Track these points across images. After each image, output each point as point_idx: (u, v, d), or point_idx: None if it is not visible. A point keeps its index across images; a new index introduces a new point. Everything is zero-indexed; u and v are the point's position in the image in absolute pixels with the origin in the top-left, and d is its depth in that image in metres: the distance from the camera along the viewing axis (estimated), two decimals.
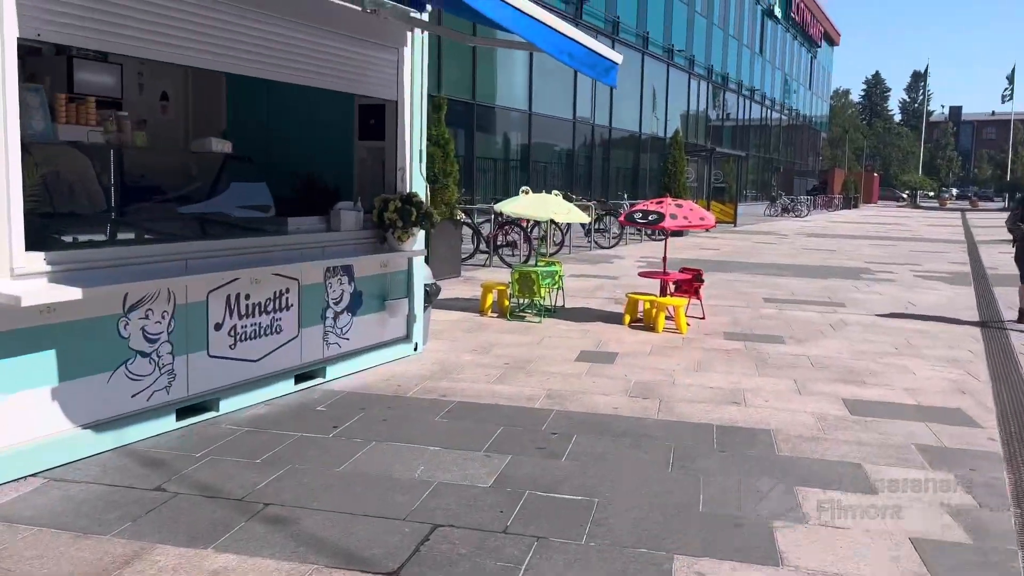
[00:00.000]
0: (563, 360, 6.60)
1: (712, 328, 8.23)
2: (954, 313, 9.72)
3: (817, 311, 9.58)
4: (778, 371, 6.44)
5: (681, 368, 6.44)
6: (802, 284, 12.17)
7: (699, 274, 8.73)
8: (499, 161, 19.42)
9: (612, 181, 25.42)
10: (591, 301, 9.83)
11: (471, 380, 5.86)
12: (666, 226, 7.81)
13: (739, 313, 9.27)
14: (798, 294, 11.06)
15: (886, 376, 6.37)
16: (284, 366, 5.27)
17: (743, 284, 11.98)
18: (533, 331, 7.79)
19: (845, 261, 16.15)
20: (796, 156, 52.52)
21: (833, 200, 49.62)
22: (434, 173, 11.07)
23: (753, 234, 23.97)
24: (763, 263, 15.27)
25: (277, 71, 5.16)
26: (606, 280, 11.95)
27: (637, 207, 8.22)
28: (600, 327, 8.09)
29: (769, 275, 13.28)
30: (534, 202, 8.36)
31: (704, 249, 18.07)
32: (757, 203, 39.30)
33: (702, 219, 7.94)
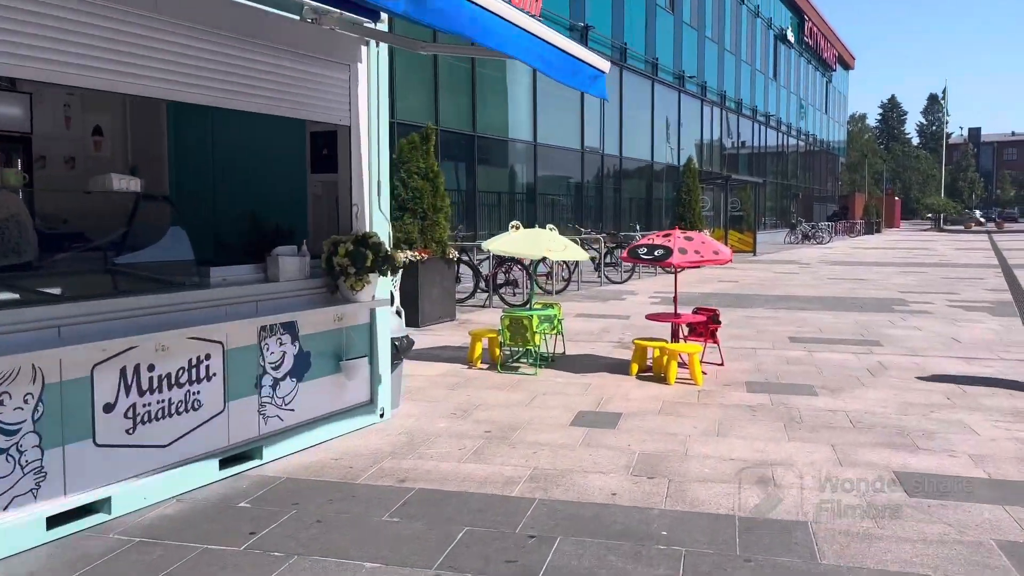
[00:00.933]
0: (556, 425, 5.59)
1: (732, 377, 7.19)
2: (1005, 349, 8.61)
3: (851, 352, 8.51)
4: (812, 433, 5.39)
5: (696, 432, 5.41)
6: (831, 319, 11.09)
7: (715, 314, 7.71)
8: (503, 195, 18.58)
9: (624, 212, 24.49)
10: (596, 346, 8.82)
11: (440, 457, 4.86)
12: (674, 263, 6.82)
13: (762, 357, 8.21)
14: (827, 331, 9.98)
15: (943, 437, 5.29)
16: (204, 449, 4.31)
17: (765, 321, 10.91)
18: (525, 386, 6.80)
19: (875, 291, 15.03)
20: (815, 182, 51.39)
21: (855, 225, 48.38)
22: (423, 209, 10.19)
23: (774, 263, 22.88)
24: (786, 296, 14.19)
25: (202, 93, 4.28)
26: (615, 321, 10.94)
27: (642, 241, 7.25)
28: (604, 379, 7.08)
29: (793, 309, 12.20)
30: (524, 238, 7.41)
31: (722, 282, 17.01)
32: (777, 231, 38.17)
33: (716, 253, 6.95)
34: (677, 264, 6.82)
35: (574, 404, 6.18)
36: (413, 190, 10.08)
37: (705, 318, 7.52)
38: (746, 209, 28.20)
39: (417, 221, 10.14)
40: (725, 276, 18.30)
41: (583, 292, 14.83)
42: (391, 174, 10.35)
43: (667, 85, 27.32)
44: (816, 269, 20.80)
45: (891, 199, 66.43)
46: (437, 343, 8.98)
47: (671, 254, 6.87)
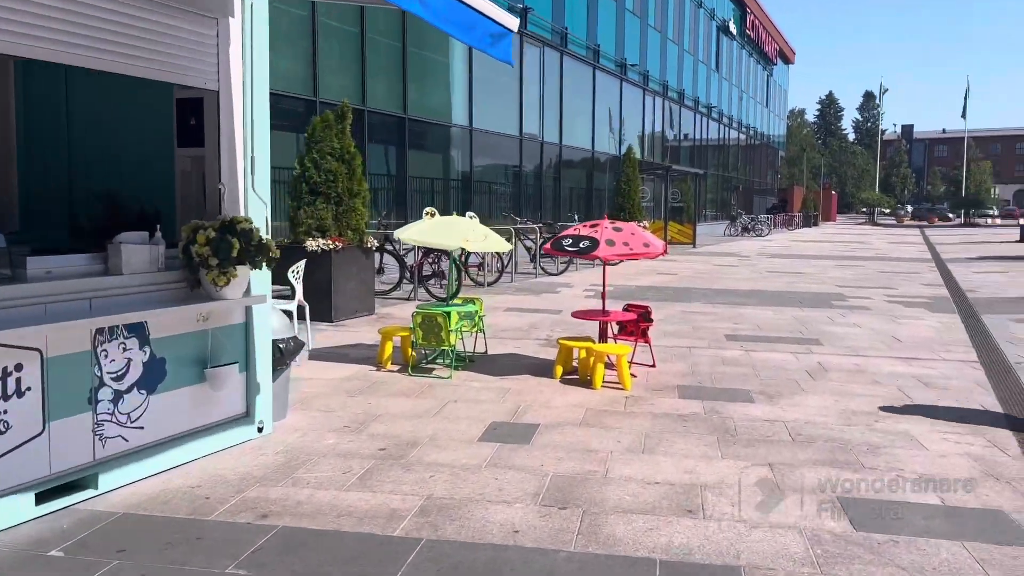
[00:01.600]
0: (463, 440, 4.91)
1: (664, 380, 6.61)
2: (946, 348, 8.25)
3: (790, 352, 8.03)
4: (748, 449, 4.82)
5: (619, 448, 4.79)
6: (769, 315, 10.66)
7: (646, 312, 7.13)
8: (437, 180, 17.79)
9: (563, 202, 23.94)
10: (523, 345, 8.17)
11: (319, 483, 4.14)
12: (601, 256, 6.19)
13: (698, 357, 7.67)
14: (765, 328, 9.52)
15: (889, 453, 4.78)
16: (15, 481, 3.50)
17: (703, 317, 10.42)
18: (437, 392, 6.10)
19: (813, 285, 14.75)
20: (755, 175, 51.78)
21: (793, 218, 48.90)
22: (338, 194, 9.37)
23: (713, 256, 22.62)
24: (725, 290, 13.78)
25: (31, 45, 3.46)
26: (546, 316, 10.30)
27: (567, 232, 6.60)
28: (525, 384, 6.42)
29: (732, 304, 11.76)
30: (439, 227, 6.70)
31: (661, 274, 16.57)
32: (717, 223, 38.19)
33: (647, 246, 6.34)
34: (604, 257, 6.19)
35: (487, 414, 5.50)
36: (326, 172, 9.26)
37: (635, 316, 6.93)
38: (686, 201, 27.95)
39: (331, 206, 9.32)
40: (663, 269, 17.88)
41: (516, 284, 14.18)
42: (305, 154, 9.56)
43: (609, 73, 26.82)
44: (755, 262, 20.57)
45: (828, 193, 67.60)
46: (348, 340, 8.20)
47: (597, 246, 6.24)
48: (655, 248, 6.37)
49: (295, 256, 8.95)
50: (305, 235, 9.20)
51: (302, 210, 9.24)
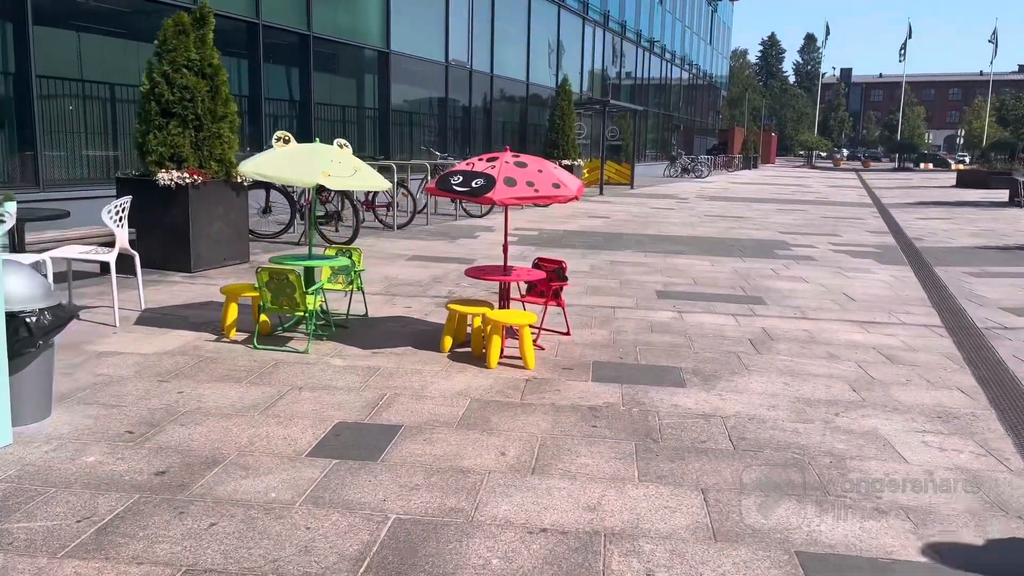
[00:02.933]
0: (284, 456, 3.54)
1: (577, 355, 5.34)
2: (904, 309, 7.19)
3: (729, 313, 6.85)
4: (675, 464, 3.58)
5: (502, 467, 3.49)
6: (707, 267, 9.48)
7: (560, 269, 5.80)
8: (348, 109, 16.00)
9: (496, 137, 22.32)
10: (415, 305, 6.78)
11: (32, 540, 2.72)
12: (495, 199, 4.79)
13: (622, 321, 6.42)
14: (702, 283, 8.33)
15: (860, 468, 3.60)
16: None
17: (633, 268, 9.17)
18: (280, 375, 4.69)
19: (755, 231, 13.67)
20: (696, 115, 50.68)
21: (733, 160, 48.18)
22: (197, 116, 7.70)
23: (651, 198, 21.45)
24: (660, 235, 12.57)
25: None
26: (456, 267, 8.91)
27: (458, 167, 5.16)
28: (401, 360, 5.07)
29: (667, 253, 10.55)
30: (293, 158, 5.18)
31: (592, 217, 15.28)
32: (656, 163, 37.07)
33: (556, 187, 4.95)
34: (499, 201, 4.79)
35: (336, 409, 4.13)
36: (182, 89, 7.55)
37: (545, 274, 5.59)
38: (625, 139, 26.61)
39: (189, 132, 7.65)
40: (597, 210, 16.60)
41: (432, 228, 12.71)
42: (155, 67, 7.83)
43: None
44: (694, 205, 19.46)
45: (768, 135, 67.17)
46: (199, 297, 6.68)
47: (493, 186, 4.83)
48: (567, 190, 4.99)
49: (145, 194, 7.33)
50: (155, 166, 7.54)
51: (152, 135, 7.56)
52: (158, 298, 6.60)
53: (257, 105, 13.07)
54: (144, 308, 6.18)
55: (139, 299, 6.20)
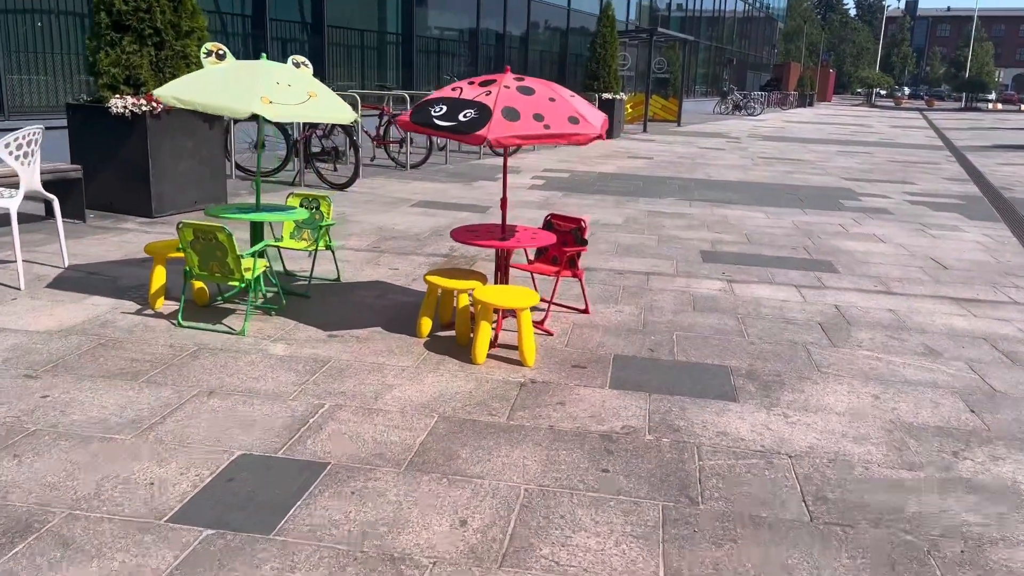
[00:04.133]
0: (137, 515, 2.39)
1: (595, 344, 4.09)
2: (1012, 282, 5.77)
3: (792, 284, 5.51)
4: (721, 550, 2.35)
5: (456, 551, 2.29)
6: (762, 220, 8.07)
7: (578, 229, 4.51)
8: (367, 34, 14.57)
9: (532, 67, 20.69)
10: (403, 266, 5.58)
11: None
12: (490, 138, 3.49)
13: (657, 294, 5.14)
14: (757, 240, 6.96)
15: (1007, 556, 2.34)
16: None
17: (675, 222, 7.81)
18: (193, 369, 3.54)
19: (816, 177, 12.09)
20: (751, 48, 47.77)
21: (788, 97, 45.53)
22: (156, 30, 6.45)
23: (699, 136, 19.74)
24: (708, 181, 11.10)
25: None
26: (466, 215, 7.66)
27: (440, 93, 3.87)
28: (362, 349, 3.88)
29: (715, 202, 9.14)
30: (224, 80, 3.92)
31: (633, 157, 13.79)
32: (706, 99, 34.91)
33: (574, 121, 3.63)
34: (494, 141, 3.50)
35: (244, 431, 2.97)
36: None
37: (554, 238, 4.30)
38: (673, 72, 24.68)
39: (148, 49, 6.43)
40: (638, 150, 15.08)
41: (450, 167, 11.40)
42: None
43: None
44: (746, 145, 17.76)
45: (826, 71, 63.64)
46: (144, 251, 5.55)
47: (487, 119, 3.53)
48: (587, 126, 3.65)
49: (99, 124, 6.19)
50: (108, 91, 6.36)
51: (103, 53, 6.35)
52: (94, 251, 5.48)
53: (261, 25, 11.76)
54: (68, 265, 5.06)
55: (61, 254, 5.08)
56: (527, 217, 7.59)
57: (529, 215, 7.71)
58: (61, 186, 6.20)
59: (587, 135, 3.63)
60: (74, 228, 6.08)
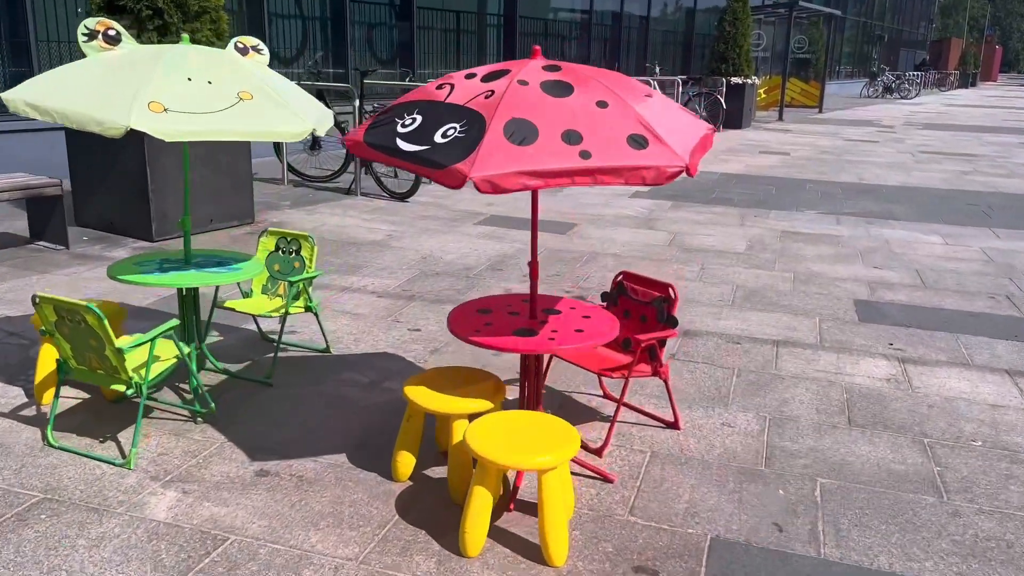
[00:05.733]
0: None
1: (679, 509, 2.45)
2: None
3: (1003, 375, 3.62)
4: None
5: None
6: (939, 248, 6.05)
7: (663, 301, 2.86)
8: (463, 15, 13.16)
9: (652, 51, 18.73)
10: (430, 326, 4.08)
11: None
12: (475, 177, 1.92)
13: (788, 388, 3.40)
14: (936, 283, 5.02)
15: None
16: None
17: (816, 249, 5.93)
18: (10, 548, 2.18)
19: (1000, 179, 9.69)
20: (904, 23, 43.26)
21: (947, 77, 40.87)
22: (155, 9, 5.23)
23: (844, 125, 17.20)
24: (859, 185, 8.99)
25: None
26: (548, 239, 6.10)
27: (415, 94, 2.34)
28: (301, 504, 2.42)
29: (870, 217, 7.13)
30: (102, 77, 2.54)
31: (765, 152, 11.73)
32: (852, 81, 31.56)
33: (638, 144, 2.01)
34: (483, 184, 1.93)
35: None
36: None
37: (633, 313, 2.66)
38: (816, 51, 21.97)
39: (148, 35, 5.22)
40: (771, 143, 12.95)
41: None
42: None
43: None
44: (902, 135, 15.17)
45: (991, 47, 57.25)
46: (117, 289, 4.31)
47: (475, 144, 1.96)
48: (660, 156, 2.00)
49: None
50: None
51: None
52: (57, 291, 4.30)
53: (339, 10, 10.57)
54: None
55: None
56: (621, 241, 5.94)
57: (624, 238, 6.06)
58: (38, 205, 5.10)
59: (660, 169, 2.00)
60: (51, 257, 4.97)
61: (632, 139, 2.04)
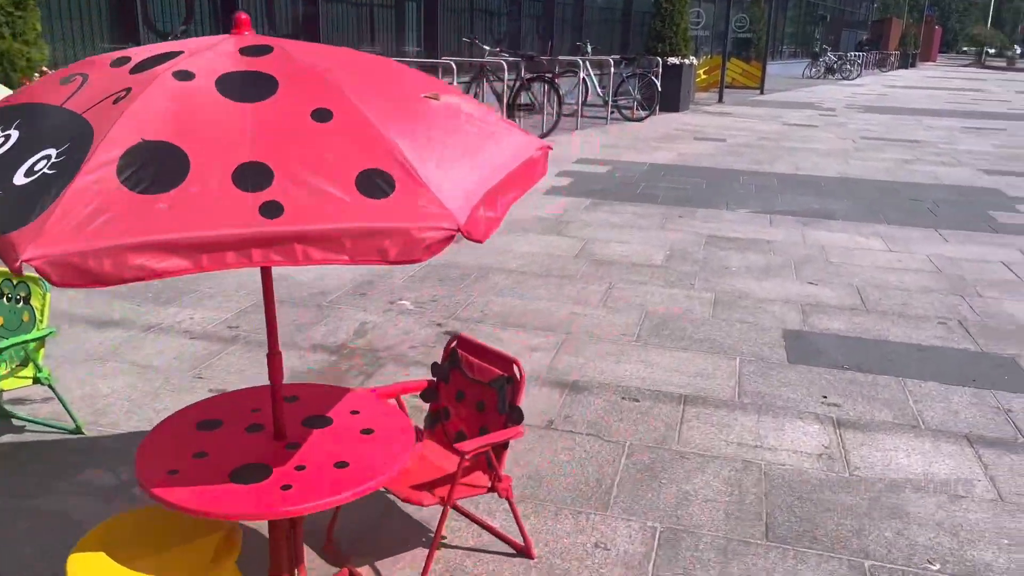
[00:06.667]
0: None
1: None
2: None
3: (960, 443, 2.87)
4: None
5: None
6: (881, 256, 5.32)
7: (505, 382, 2.00)
8: None
9: (588, 26, 17.83)
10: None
11: None
12: (25, 258, 1.04)
13: (692, 472, 2.59)
14: (879, 306, 4.27)
15: None
16: None
17: (744, 259, 5.14)
18: None
19: (943, 168, 9.08)
20: (846, 3, 43.16)
21: (888, 58, 40.92)
22: None
23: (785, 108, 16.59)
24: (796, 176, 8.27)
25: None
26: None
27: (25, 92, 1.45)
28: None
29: (807, 217, 6.39)
30: None
31: (700, 139, 10.97)
32: (794, 61, 31.15)
33: (372, 192, 1.17)
34: (54, 274, 1.07)
35: None
36: None
37: (470, 397, 1.81)
38: (756, 29, 21.37)
39: None
40: (707, 127, 12.20)
41: None
42: None
43: None
44: (844, 119, 14.60)
45: (931, 27, 57.80)
46: None
47: (62, 190, 1.07)
48: (398, 216, 1.15)
49: None
50: None
51: None
52: None
53: None
54: None
55: None
56: (522, 252, 5.07)
57: (526, 247, 5.19)
58: None
59: (409, 236, 1.12)
60: None
61: (366, 180, 1.16)
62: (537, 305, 4.13)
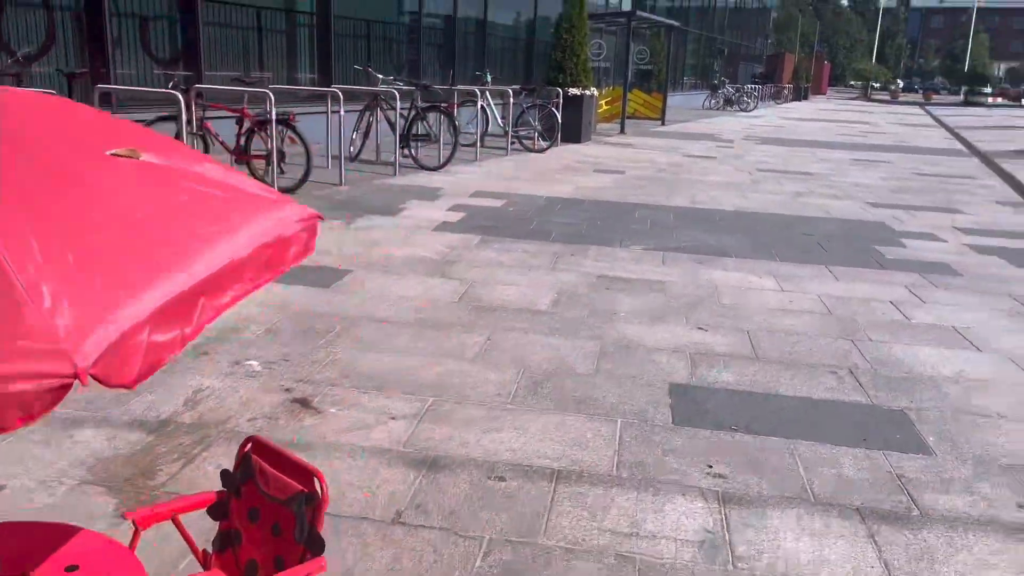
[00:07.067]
0: None
1: None
2: None
3: (860, 532, 2.61)
4: None
5: None
6: (773, 297, 5.16)
7: (305, 501, 1.59)
8: (265, 12, 11.52)
9: (492, 58, 17.68)
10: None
11: None
12: None
13: (562, 564, 2.23)
14: (770, 355, 4.06)
15: None
16: None
17: (634, 302, 4.88)
18: None
19: (834, 202, 9.19)
20: (743, 38, 44.84)
21: (783, 90, 42.65)
22: None
23: (685, 139, 16.80)
24: (693, 210, 8.17)
25: None
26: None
27: None
28: None
29: (701, 255, 6.22)
30: None
31: (600, 172, 10.84)
32: (695, 93, 31.99)
33: None
34: None
35: None
36: None
37: (245, 549, 1.39)
38: (657, 62, 21.74)
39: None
40: (607, 159, 12.12)
41: (346, 192, 8.43)
42: None
43: None
44: (742, 151, 14.84)
45: (821, 62, 60.79)
46: None
47: None
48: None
49: None
50: None
51: None
52: None
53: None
54: None
55: None
56: (398, 296, 4.67)
57: (403, 291, 4.79)
58: None
59: None
60: None
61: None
62: (405, 362, 3.72)
